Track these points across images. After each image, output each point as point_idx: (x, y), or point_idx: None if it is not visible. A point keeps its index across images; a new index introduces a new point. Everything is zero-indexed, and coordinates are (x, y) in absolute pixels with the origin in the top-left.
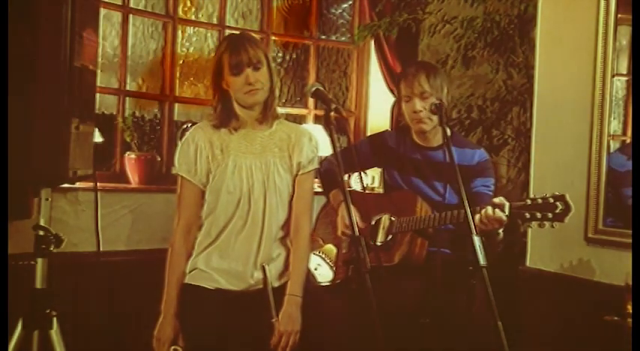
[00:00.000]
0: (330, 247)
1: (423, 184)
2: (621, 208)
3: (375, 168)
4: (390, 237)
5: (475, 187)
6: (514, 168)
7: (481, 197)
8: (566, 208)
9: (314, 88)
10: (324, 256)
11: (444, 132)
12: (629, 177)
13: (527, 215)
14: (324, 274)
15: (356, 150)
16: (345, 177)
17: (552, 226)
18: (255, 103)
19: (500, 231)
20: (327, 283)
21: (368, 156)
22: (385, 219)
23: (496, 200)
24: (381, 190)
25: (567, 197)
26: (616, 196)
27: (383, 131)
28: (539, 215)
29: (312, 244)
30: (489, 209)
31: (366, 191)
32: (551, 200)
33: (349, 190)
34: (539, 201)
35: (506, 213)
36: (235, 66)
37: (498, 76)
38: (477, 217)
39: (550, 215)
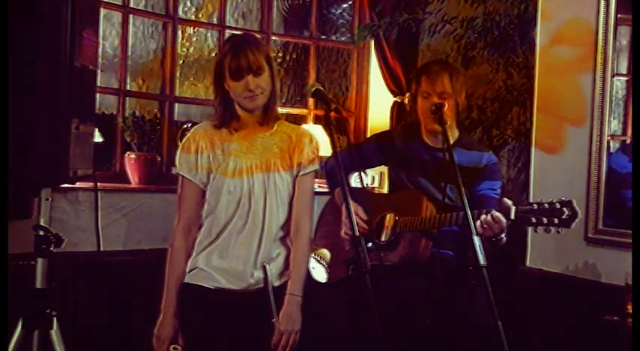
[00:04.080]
0: (325, 251)
1: (429, 184)
2: (621, 210)
3: (377, 168)
4: (393, 236)
5: (482, 190)
6: (514, 168)
7: (487, 200)
8: (573, 214)
9: (314, 88)
10: (319, 258)
11: (444, 133)
12: (629, 178)
13: (534, 220)
14: (319, 275)
15: (363, 148)
16: (355, 175)
17: (558, 232)
18: (255, 108)
19: (504, 236)
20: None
21: (375, 154)
22: (390, 218)
23: (502, 203)
24: (383, 190)
25: (574, 203)
26: (616, 198)
27: (390, 129)
28: (545, 220)
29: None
30: (493, 213)
31: (374, 190)
32: (558, 205)
33: (356, 188)
34: (546, 206)
35: (512, 217)
36: (235, 71)
37: (498, 76)
38: (481, 219)
39: (556, 221)
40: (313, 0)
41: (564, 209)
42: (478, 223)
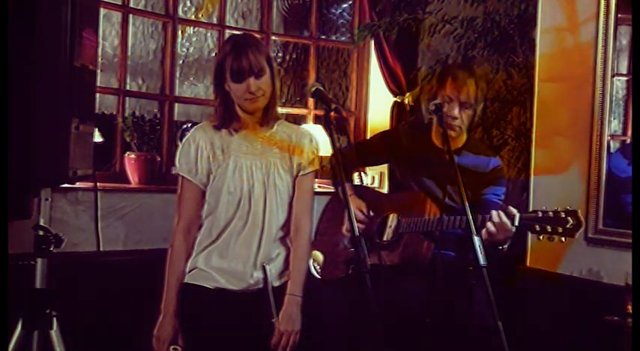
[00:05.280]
0: (317, 253)
1: (434, 185)
2: (621, 211)
3: (377, 168)
4: (395, 237)
5: (485, 195)
6: (514, 168)
7: (490, 205)
8: (577, 224)
9: (314, 88)
10: (311, 260)
11: (444, 133)
12: (629, 183)
13: (537, 228)
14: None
15: (367, 146)
16: (355, 174)
17: (561, 241)
18: (255, 109)
19: (506, 246)
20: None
21: (380, 153)
22: (393, 218)
23: (506, 210)
24: (384, 189)
25: (579, 213)
26: (616, 200)
27: (395, 128)
28: (549, 229)
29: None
30: (502, 218)
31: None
32: (563, 215)
33: (361, 185)
34: (550, 214)
35: (516, 224)
36: (237, 73)
37: (498, 76)
38: (487, 225)
39: (560, 229)
40: (313, 0)
41: (569, 219)
42: (486, 227)
